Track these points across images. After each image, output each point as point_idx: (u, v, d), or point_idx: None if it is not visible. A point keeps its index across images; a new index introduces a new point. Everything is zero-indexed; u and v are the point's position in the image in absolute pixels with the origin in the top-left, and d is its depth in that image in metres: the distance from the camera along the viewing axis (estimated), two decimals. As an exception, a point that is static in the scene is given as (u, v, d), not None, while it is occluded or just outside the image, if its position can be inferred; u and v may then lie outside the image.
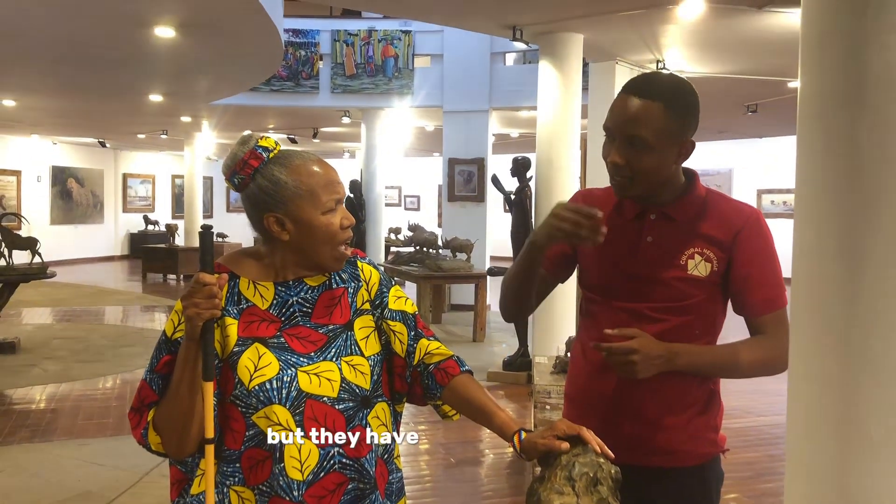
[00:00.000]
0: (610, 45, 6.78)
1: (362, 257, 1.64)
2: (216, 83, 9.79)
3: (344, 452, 1.45)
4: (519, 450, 1.42)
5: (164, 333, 1.48)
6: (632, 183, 1.70)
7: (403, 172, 21.91)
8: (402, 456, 1.63)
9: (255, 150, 1.46)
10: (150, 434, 1.45)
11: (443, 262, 8.85)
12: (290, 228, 1.46)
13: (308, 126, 14.38)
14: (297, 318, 1.50)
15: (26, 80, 9.53)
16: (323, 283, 1.54)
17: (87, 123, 14.32)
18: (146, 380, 1.48)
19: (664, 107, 1.64)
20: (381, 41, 11.53)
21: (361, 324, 1.55)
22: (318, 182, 1.47)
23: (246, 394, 1.42)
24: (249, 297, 1.49)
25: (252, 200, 1.48)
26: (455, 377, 1.56)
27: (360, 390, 1.48)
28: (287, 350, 1.46)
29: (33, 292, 11.35)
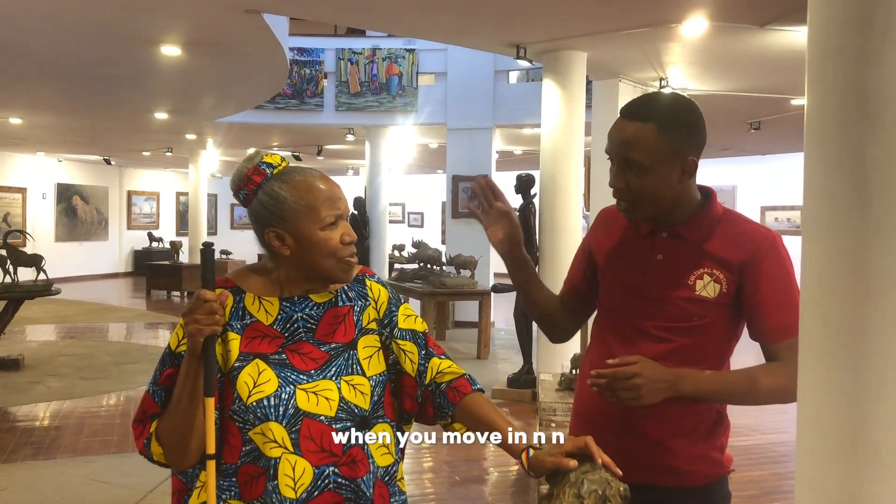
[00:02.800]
0: (613, 62, 6.82)
1: (371, 275, 1.63)
2: (221, 101, 9.85)
3: (340, 472, 1.44)
4: (527, 467, 1.41)
5: (168, 347, 1.50)
6: (636, 207, 1.71)
7: (407, 189, 21.98)
8: (406, 474, 1.61)
9: (259, 167, 1.49)
10: (153, 445, 1.47)
11: (447, 279, 8.85)
12: (290, 244, 1.47)
13: (312, 144, 14.44)
14: (301, 334, 1.50)
15: (32, 98, 9.60)
16: (329, 301, 1.54)
17: (93, 141, 14.40)
18: (149, 391, 1.49)
19: (657, 128, 1.64)
20: (386, 59, 11.60)
21: (366, 343, 1.55)
22: (317, 198, 1.47)
23: (244, 409, 1.42)
24: (254, 313, 1.49)
25: (255, 216, 1.50)
26: (467, 395, 1.55)
27: (358, 410, 1.47)
28: (287, 367, 1.46)
29: (38, 309, 11.36)
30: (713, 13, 5.23)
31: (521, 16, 5.53)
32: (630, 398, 1.63)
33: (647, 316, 1.74)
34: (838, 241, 1.14)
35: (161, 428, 1.47)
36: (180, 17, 5.80)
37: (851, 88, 0.99)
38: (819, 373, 1.15)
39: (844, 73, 0.88)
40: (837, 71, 0.89)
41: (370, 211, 11.77)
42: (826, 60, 0.92)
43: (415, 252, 9.97)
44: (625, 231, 1.83)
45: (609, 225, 1.89)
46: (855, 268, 1.09)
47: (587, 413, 1.86)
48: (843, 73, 0.88)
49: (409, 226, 22.46)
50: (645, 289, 1.75)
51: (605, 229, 1.90)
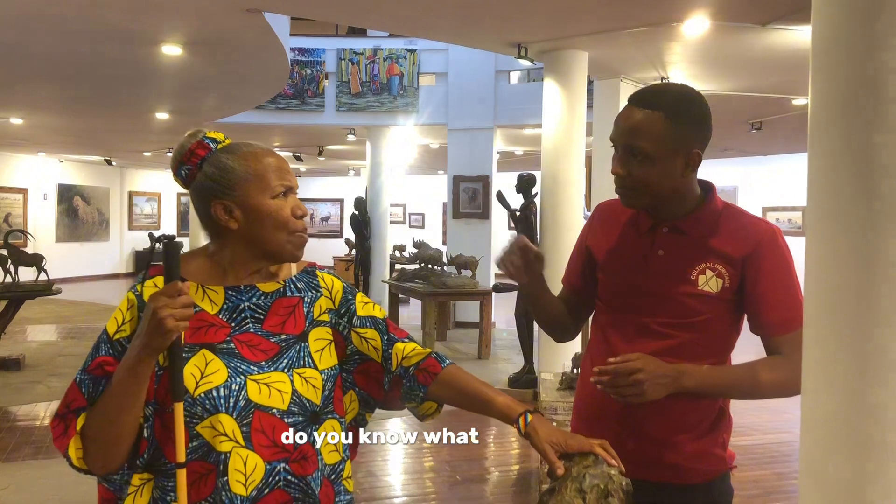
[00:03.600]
0: (615, 62, 6.81)
1: (321, 268, 1.59)
2: (222, 101, 9.85)
3: (290, 469, 1.38)
4: (523, 432, 1.40)
5: (105, 332, 1.39)
6: (636, 194, 1.70)
7: (408, 190, 21.96)
8: (406, 473, 1.60)
9: (203, 141, 1.43)
10: (72, 447, 1.34)
11: (447, 279, 8.84)
12: (238, 216, 1.40)
13: (314, 144, 14.44)
14: (248, 324, 1.43)
15: (34, 99, 9.59)
16: (277, 291, 1.48)
17: (94, 142, 14.40)
18: (76, 381, 1.37)
19: (664, 117, 1.63)
20: (387, 60, 11.60)
21: (317, 335, 1.49)
22: (266, 167, 1.42)
23: (190, 402, 1.34)
24: (197, 302, 1.40)
25: (199, 191, 1.42)
26: (438, 374, 1.51)
27: (310, 405, 1.42)
28: (237, 357, 1.39)
29: (38, 309, 11.35)
30: (715, 12, 5.23)
31: (521, 15, 5.52)
32: (633, 395, 1.62)
33: (648, 312, 1.73)
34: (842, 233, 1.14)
35: (90, 426, 1.34)
36: (181, 16, 5.80)
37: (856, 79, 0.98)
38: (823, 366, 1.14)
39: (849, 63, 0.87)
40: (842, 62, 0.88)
41: (371, 211, 11.76)
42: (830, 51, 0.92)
43: (416, 252, 9.96)
44: (624, 227, 1.82)
45: (608, 221, 1.88)
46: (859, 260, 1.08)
47: (588, 410, 1.85)
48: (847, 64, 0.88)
49: (410, 226, 22.43)
50: (646, 285, 1.74)
51: (604, 226, 1.88)
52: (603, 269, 1.84)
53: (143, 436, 1.35)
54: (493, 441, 5.65)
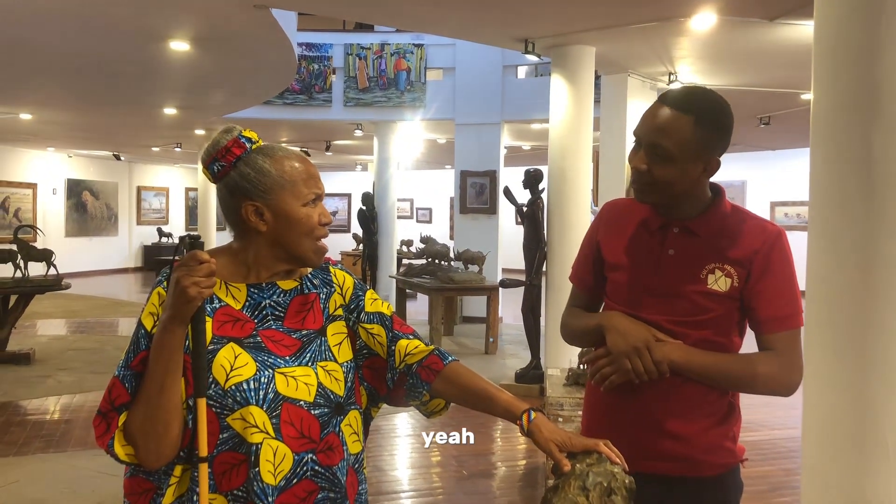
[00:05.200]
0: (622, 57, 6.80)
1: (334, 263, 1.62)
2: (230, 96, 9.87)
3: (317, 459, 1.42)
4: (526, 430, 1.41)
5: (142, 326, 1.41)
6: (651, 190, 1.73)
7: (415, 185, 21.96)
8: (413, 468, 1.62)
9: (239, 139, 1.44)
10: (118, 443, 1.36)
11: (454, 275, 8.85)
12: (268, 219, 1.44)
13: (321, 139, 14.45)
14: (270, 321, 1.47)
15: (42, 94, 9.63)
16: (295, 288, 1.52)
17: (102, 137, 14.44)
18: (118, 376, 1.39)
19: (694, 121, 1.65)
20: (394, 55, 11.59)
21: (334, 330, 1.53)
22: (300, 175, 1.46)
23: (221, 394, 1.37)
24: (222, 297, 1.45)
25: (231, 189, 1.45)
26: (441, 371, 1.53)
27: (334, 396, 1.46)
28: (264, 350, 1.43)
29: (48, 304, 11.43)
30: (722, 7, 5.21)
31: (528, 10, 5.52)
32: (621, 364, 1.70)
33: (658, 311, 1.75)
34: (844, 234, 1.14)
35: (134, 419, 1.36)
36: (189, 12, 5.81)
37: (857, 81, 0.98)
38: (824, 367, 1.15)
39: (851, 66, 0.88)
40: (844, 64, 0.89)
41: (378, 206, 11.77)
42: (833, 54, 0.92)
43: (423, 247, 9.98)
44: (635, 227, 1.84)
45: (617, 220, 1.89)
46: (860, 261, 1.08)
47: (599, 405, 1.87)
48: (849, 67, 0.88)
49: (417, 221, 22.44)
50: (656, 284, 1.76)
51: (613, 224, 1.90)
52: (613, 267, 1.86)
53: (188, 427, 1.37)
54: (500, 436, 5.67)
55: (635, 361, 1.68)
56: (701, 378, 1.72)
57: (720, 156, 1.73)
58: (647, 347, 1.68)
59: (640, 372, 1.68)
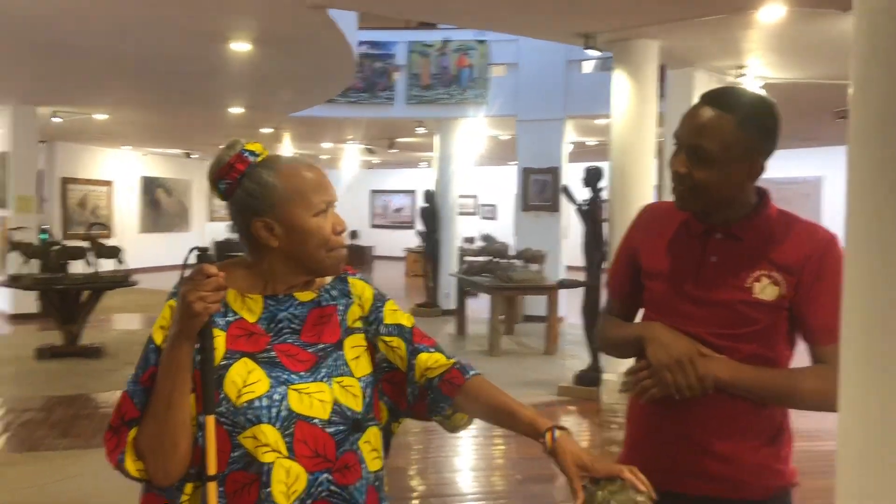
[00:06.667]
0: (688, 51, 6.60)
1: (352, 273, 1.56)
2: (293, 96, 10.00)
3: (333, 479, 1.36)
4: (549, 449, 1.35)
5: (151, 341, 1.39)
6: (691, 195, 1.63)
7: (479, 181, 21.89)
8: (473, 470, 1.57)
9: (242, 154, 1.40)
10: (129, 459, 1.35)
11: (514, 273, 8.75)
12: (279, 234, 1.39)
13: (384, 137, 14.53)
14: (286, 335, 1.42)
15: (116, 95, 9.96)
16: (313, 300, 1.47)
17: (174, 136, 14.86)
18: (128, 392, 1.37)
19: (736, 122, 1.56)
20: (457, 52, 11.55)
21: (352, 343, 1.48)
22: (307, 184, 1.40)
23: (233, 411, 1.33)
24: (237, 310, 1.41)
25: (239, 206, 1.41)
26: (462, 386, 1.47)
27: (351, 413, 1.40)
28: (278, 366, 1.38)
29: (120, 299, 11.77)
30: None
31: (590, 5, 5.40)
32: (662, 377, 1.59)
33: (698, 321, 1.65)
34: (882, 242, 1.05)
35: (144, 435, 1.34)
36: (247, 13, 5.90)
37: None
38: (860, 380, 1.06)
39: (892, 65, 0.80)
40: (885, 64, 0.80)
41: (440, 203, 11.76)
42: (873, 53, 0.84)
43: (483, 245, 9.92)
44: (674, 231, 1.74)
45: (655, 224, 1.80)
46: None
47: (640, 419, 1.78)
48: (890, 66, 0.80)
49: (481, 218, 22.39)
50: (697, 293, 1.66)
51: (651, 229, 1.80)
52: (650, 275, 1.76)
53: (198, 444, 1.35)
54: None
55: (677, 375, 1.58)
56: (748, 395, 1.62)
57: (766, 159, 1.62)
58: (691, 361, 1.58)
59: (681, 387, 1.58)
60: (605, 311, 1.91)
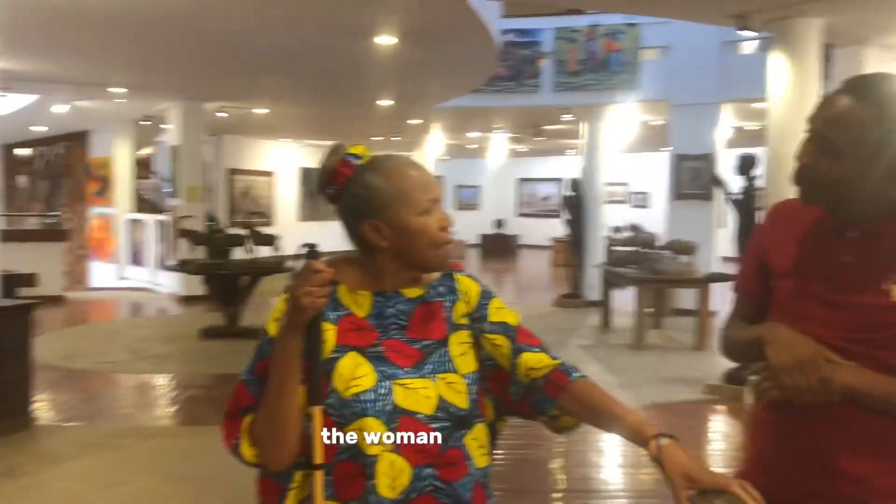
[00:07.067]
0: (857, 27, 6.09)
1: (459, 270, 1.56)
2: (439, 87, 10.13)
3: (437, 474, 1.37)
4: (654, 457, 1.30)
5: (265, 333, 1.44)
6: (813, 190, 1.50)
7: (631, 169, 21.30)
8: (623, 467, 1.52)
9: (346, 159, 1.44)
10: (244, 445, 1.39)
11: (661, 265, 8.43)
12: (387, 234, 1.42)
13: (530, 125, 14.45)
14: (393, 330, 1.44)
15: (273, 90, 10.49)
16: (420, 296, 1.48)
17: (329, 128, 15.49)
18: (244, 381, 1.43)
19: (875, 116, 1.40)
20: (605, 36, 11.26)
21: (458, 340, 1.48)
22: (411, 184, 1.43)
23: (341, 403, 1.37)
24: (347, 305, 1.44)
25: (347, 210, 1.45)
26: (566, 388, 1.45)
27: (456, 410, 1.41)
28: (384, 361, 1.40)
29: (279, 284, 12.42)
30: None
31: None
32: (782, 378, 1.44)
33: (828, 325, 1.50)
34: None
35: (255, 423, 1.39)
36: (390, 7, 6.01)
37: None
38: None
39: None
40: None
41: (586, 192, 11.54)
42: None
43: (630, 236, 9.63)
44: (805, 229, 1.59)
45: (786, 221, 1.66)
46: None
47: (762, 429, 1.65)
48: None
49: (632, 206, 21.80)
50: (828, 295, 1.51)
51: (781, 226, 1.66)
52: (777, 275, 1.62)
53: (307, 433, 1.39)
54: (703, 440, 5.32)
55: (798, 377, 1.43)
56: (881, 407, 1.46)
57: None
58: (814, 363, 1.44)
59: (803, 389, 1.44)
60: (732, 313, 1.79)
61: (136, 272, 13.61)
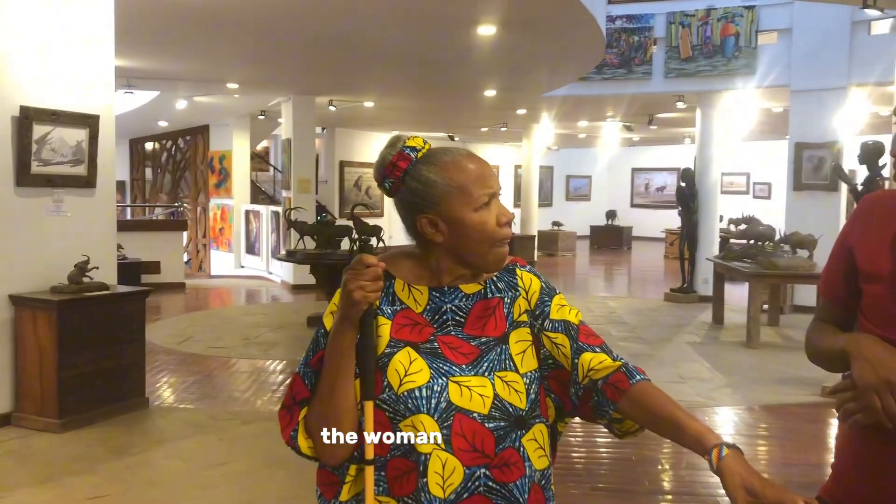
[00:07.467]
0: None
1: (522, 265, 1.51)
2: (543, 76, 9.96)
3: (491, 475, 1.33)
4: (715, 468, 1.23)
5: (322, 326, 1.43)
6: None
7: (751, 158, 20.37)
8: None
9: (403, 152, 1.41)
10: (301, 436, 1.39)
11: (778, 260, 7.99)
12: (443, 229, 1.39)
13: (642, 113, 14.03)
14: (450, 326, 1.42)
15: (380, 83, 10.63)
16: (478, 292, 1.45)
17: (436, 119, 15.57)
18: (299, 373, 1.42)
19: None
20: (721, 20, 10.75)
21: (517, 337, 1.44)
22: (468, 178, 1.39)
23: (394, 399, 1.35)
24: (404, 300, 1.43)
25: (404, 203, 1.42)
26: (627, 391, 1.39)
27: (514, 409, 1.37)
28: (440, 357, 1.38)
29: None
30: None
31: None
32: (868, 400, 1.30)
33: None
34: None
35: (311, 415, 1.39)
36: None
37: None
38: None
39: None
40: None
41: (700, 183, 11.10)
42: None
43: (744, 228, 9.18)
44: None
45: (875, 218, 1.50)
46: None
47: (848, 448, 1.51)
48: None
49: (754, 197, 20.85)
50: None
51: (871, 223, 1.50)
52: (867, 277, 1.47)
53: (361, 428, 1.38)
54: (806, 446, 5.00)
55: (887, 399, 1.29)
56: None
57: None
58: None
59: (892, 414, 1.29)
60: (817, 316, 1.64)
61: (252, 261, 14.18)
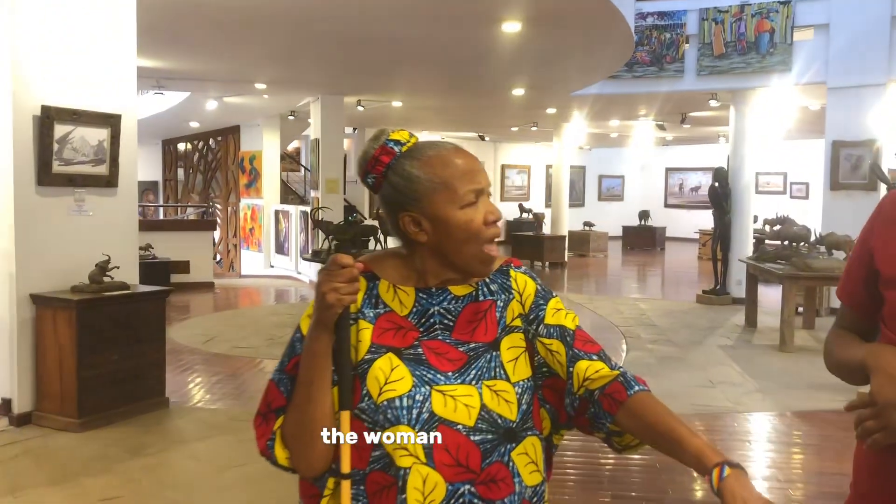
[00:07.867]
0: None
1: (517, 266, 1.42)
2: (571, 74, 9.83)
3: (476, 492, 1.24)
4: (715, 489, 1.13)
5: (298, 330, 1.35)
6: None
7: (788, 157, 19.96)
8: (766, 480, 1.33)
9: (386, 146, 1.32)
10: (278, 446, 1.31)
11: (813, 261, 7.77)
12: (426, 228, 1.30)
13: (675, 111, 13.80)
14: (437, 331, 1.32)
15: (407, 82, 10.59)
16: (469, 294, 1.35)
17: (466, 119, 15.49)
18: (274, 380, 1.34)
19: None
20: (755, 15, 10.51)
21: (510, 343, 1.34)
22: (453, 173, 1.29)
23: (373, 408, 1.26)
24: (388, 302, 1.34)
25: (386, 200, 1.33)
26: (625, 402, 1.29)
27: (502, 421, 1.27)
28: (423, 364, 1.29)
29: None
30: None
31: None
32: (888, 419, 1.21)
33: None
34: None
35: (288, 424, 1.31)
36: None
37: None
38: None
39: None
40: None
41: (733, 183, 10.86)
42: None
43: (778, 229, 8.95)
44: None
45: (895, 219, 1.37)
46: None
47: (866, 466, 1.41)
48: None
49: (791, 197, 20.44)
50: None
51: (892, 224, 1.39)
52: (888, 283, 1.36)
53: None
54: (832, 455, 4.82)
55: None
56: None
57: None
58: None
59: None
60: (837, 323, 1.52)
61: (281, 261, 14.24)
